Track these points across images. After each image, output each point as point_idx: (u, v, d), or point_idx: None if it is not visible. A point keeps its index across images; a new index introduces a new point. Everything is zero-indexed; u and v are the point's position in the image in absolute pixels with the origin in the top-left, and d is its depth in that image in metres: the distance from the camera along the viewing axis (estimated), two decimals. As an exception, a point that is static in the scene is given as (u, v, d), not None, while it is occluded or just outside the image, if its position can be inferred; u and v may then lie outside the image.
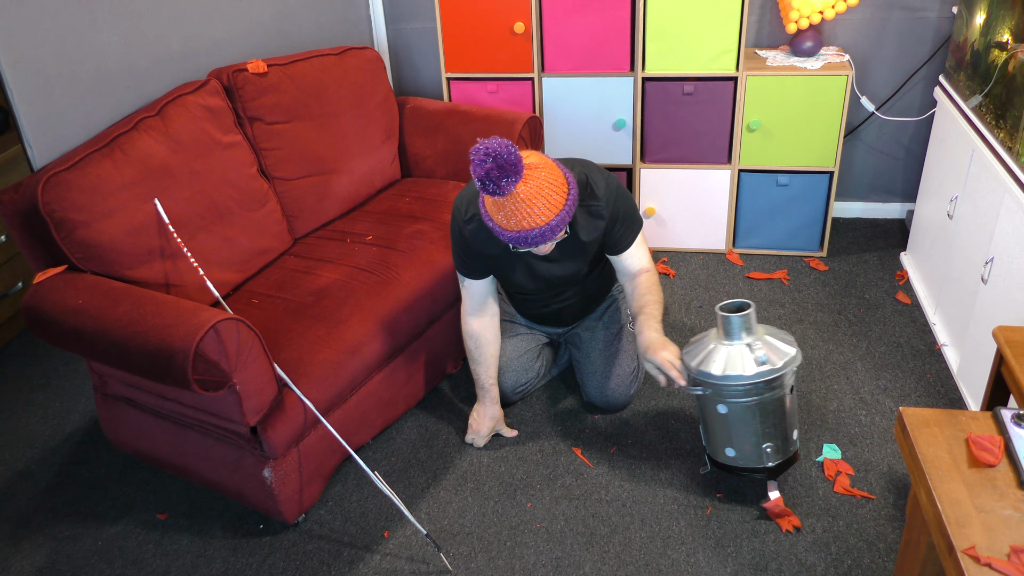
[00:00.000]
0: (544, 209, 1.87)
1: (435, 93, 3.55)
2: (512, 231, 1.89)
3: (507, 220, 1.88)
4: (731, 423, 2.02)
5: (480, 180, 1.79)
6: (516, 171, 1.79)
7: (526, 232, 1.88)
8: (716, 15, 2.91)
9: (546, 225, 1.88)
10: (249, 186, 2.47)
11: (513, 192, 1.83)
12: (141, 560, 2.12)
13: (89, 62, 2.23)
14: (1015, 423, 1.41)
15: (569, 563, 2.02)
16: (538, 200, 1.86)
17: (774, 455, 2.04)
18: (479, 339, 2.30)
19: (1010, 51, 2.26)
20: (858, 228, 3.42)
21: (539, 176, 1.87)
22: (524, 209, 1.85)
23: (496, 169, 1.76)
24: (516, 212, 1.86)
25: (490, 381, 2.35)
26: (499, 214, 1.88)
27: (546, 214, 1.87)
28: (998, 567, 1.18)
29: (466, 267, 2.23)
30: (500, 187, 1.79)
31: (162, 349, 1.81)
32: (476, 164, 1.77)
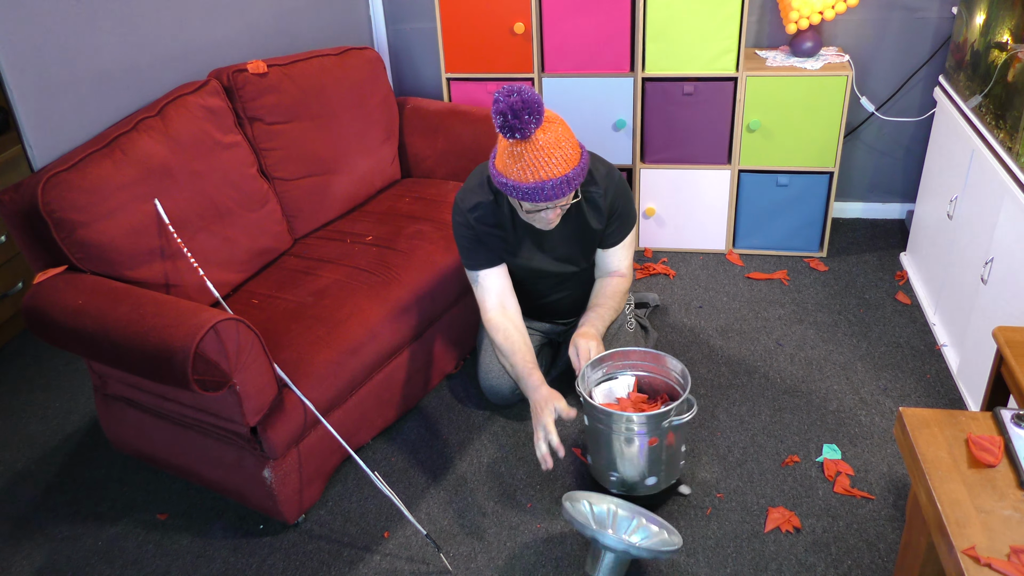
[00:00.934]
0: (561, 160, 1.89)
1: (435, 93, 3.55)
2: (529, 182, 1.90)
3: (524, 171, 1.89)
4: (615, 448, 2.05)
5: (502, 114, 1.80)
6: (539, 111, 1.82)
7: (542, 183, 1.90)
8: (716, 15, 2.91)
9: (563, 176, 1.90)
10: (249, 186, 2.47)
11: (532, 138, 1.86)
12: (141, 560, 2.12)
13: (89, 62, 2.23)
14: (1015, 423, 1.41)
15: (569, 563, 2.02)
16: (556, 150, 1.88)
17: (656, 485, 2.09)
18: (506, 329, 2.20)
19: (1010, 51, 2.26)
20: (858, 228, 3.42)
21: (557, 129, 1.90)
22: (543, 157, 1.87)
23: (520, 103, 1.78)
24: (535, 161, 1.88)
25: (527, 368, 2.15)
26: (516, 165, 1.90)
27: (562, 166, 1.90)
28: (998, 567, 1.18)
29: (476, 258, 2.21)
30: (523, 122, 1.81)
31: (162, 349, 1.81)
32: (500, 99, 1.79)
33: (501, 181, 1.95)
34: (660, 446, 2.00)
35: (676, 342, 2.78)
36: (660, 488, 2.10)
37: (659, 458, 2.03)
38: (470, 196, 2.16)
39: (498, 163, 1.96)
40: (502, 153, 1.94)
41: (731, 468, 2.26)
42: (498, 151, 1.97)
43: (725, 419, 2.43)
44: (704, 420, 2.43)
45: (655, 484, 2.08)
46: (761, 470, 2.24)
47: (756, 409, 2.46)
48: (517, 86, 1.82)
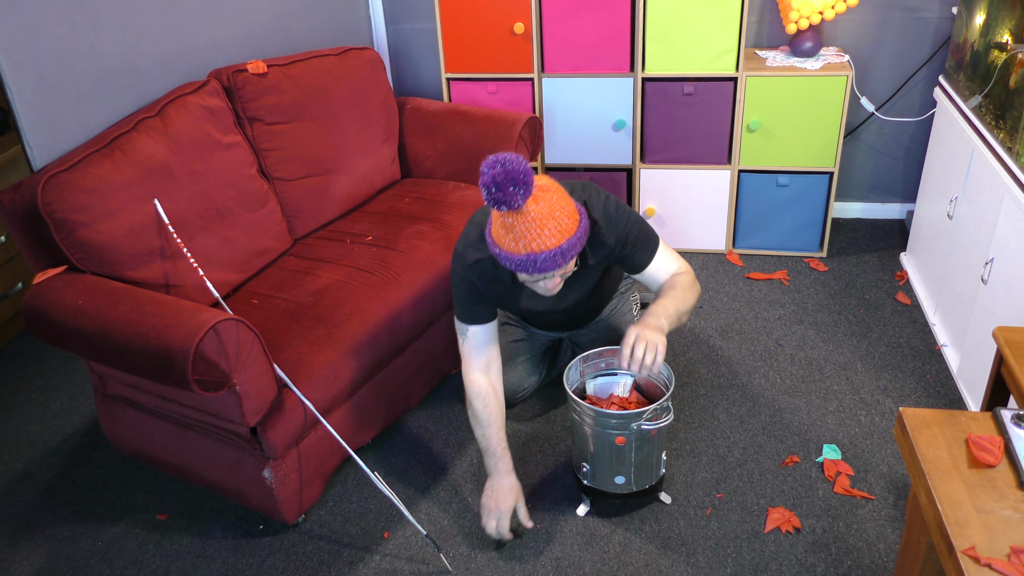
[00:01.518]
0: (555, 231, 1.77)
1: (435, 93, 3.55)
2: (521, 254, 1.78)
3: (516, 242, 1.77)
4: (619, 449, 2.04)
5: (487, 187, 1.69)
6: (525, 183, 1.70)
7: (535, 255, 1.77)
8: (716, 15, 2.91)
9: (557, 248, 1.78)
10: (249, 186, 2.47)
11: (523, 209, 1.74)
12: (141, 560, 2.12)
13: (89, 62, 2.23)
14: (1015, 423, 1.41)
15: (569, 563, 2.02)
16: (549, 221, 1.76)
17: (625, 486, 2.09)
18: (487, 398, 2.07)
19: (1010, 51, 2.26)
20: (858, 228, 3.42)
21: (550, 198, 1.78)
22: (534, 229, 1.75)
23: (503, 175, 1.67)
24: (526, 232, 1.76)
25: (501, 446, 2.08)
26: (507, 236, 1.78)
27: (556, 237, 1.77)
28: (998, 567, 1.18)
29: (470, 313, 2.08)
30: (507, 195, 1.69)
31: (162, 349, 1.81)
32: (484, 171, 1.69)
33: (495, 251, 1.84)
34: (629, 447, 1.99)
35: (676, 342, 2.78)
36: (630, 490, 2.08)
37: (627, 459, 2.01)
38: (472, 251, 2.02)
39: (492, 229, 1.83)
40: (495, 221, 1.82)
41: (731, 468, 2.26)
42: (493, 218, 1.84)
43: (725, 419, 2.43)
44: (704, 420, 2.43)
45: (623, 484, 2.06)
46: (761, 470, 2.24)
47: (756, 409, 2.46)
48: (503, 156, 1.69)
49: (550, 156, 3.32)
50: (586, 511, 2.15)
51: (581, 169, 3.32)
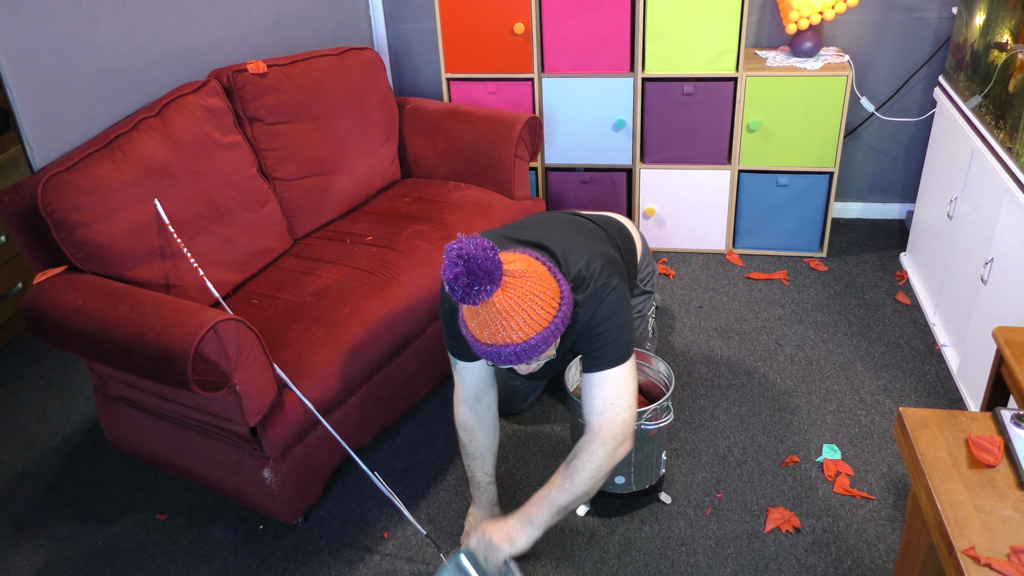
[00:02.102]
0: (523, 325, 1.56)
1: (435, 93, 3.55)
2: (485, 344, 1.60)
3: (480, 331, 1.59)
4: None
5: (448, 284, 1.51)
6: (491, 279, 1.51)
7: (499, 348, 1.58)
8: (716, 15, 2.91)
9: (524, 343, 1.57)
10: (249, 186, 2.47)
11: (489, 301, 1.55)
12: (141, 560, 2.12)
13: (89, 62, 2.23)
14: (1015, 423, 1.41)
15: (569, 563, 2.02)
16: (517, 314, 1.56)
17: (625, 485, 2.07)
18: (473, 431, 1.98)
19: (1010, 51, 2.26)
20: (858, 228, 3.42)
21: (522, 286, 1.57)
22: (500, 321, 1.56)
23: (466, 275, 1.49)
24: (491, 323, 1.56)
25: (487, 479, 2.03)
26: (472, 321, 1.60)
27: (525, 331, 1.57)
28: (998, 567, 1.18)
29: (461, 349, 1.90)
30: (470, 295, 1.51)
31: (162, 349, 1.81)
32: (446, 265, 1.50)
33: (463, 330, 1.65)
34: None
35: (676, 342, 2.78)
36: (630, 490, 2.09)
37: (627, 459, 2.01)
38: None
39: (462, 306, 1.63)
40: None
41: (731, 468, 2.26)
42: None
43: (725, 419, 2.43)
44: (704, 420, 2.43)
45: (623, 484, 2.07)
46: (761, 470, 2.24)
47: (756, 409, 2.46)
48: (466, 250, 1.48)
49: (550, 156, 3.32)
50: (586, 511, 2.15)
51: (581, 169, 3.32)
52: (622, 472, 2.03)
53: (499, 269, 1.53)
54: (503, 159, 2.87)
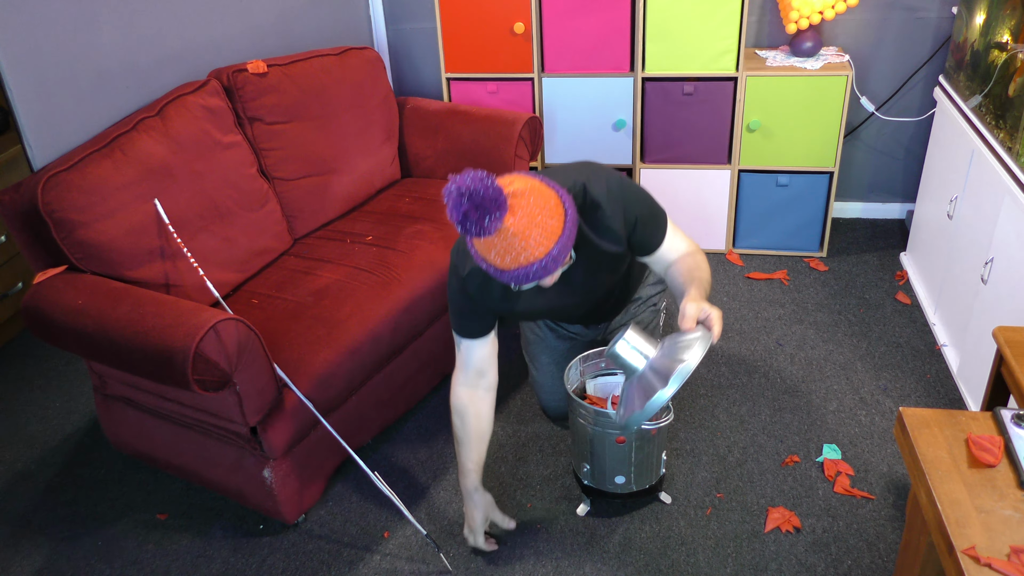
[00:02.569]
0: (541, 239, 1.60)
1: (435, 93, 3.55)
2: (510, 270, 1.63)
3: (501, 259, 1.62)
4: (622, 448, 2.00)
5: (459, 224, 1.54)
6: (498, 206, 1.54)
7: (525, 268, 1.62)
8: (716, 15, 2.91)
9: (546, 256, 1.62)
10: (249, 186, 2.47)
11: (501, 228, 1.58)
12: (141, 560, 2.12)
13: (89, 62, 2.23)
14: (1015, 423, 1.41)
15: (569, 563, 2.02)
16: (532, 231, 1.59)
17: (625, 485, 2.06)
18: (465, 413, 1.99)
19: (1010, 51, 2.26)
20: (858, 228, 3.42)
21: (528, 203, 1.60)
22: (518, 244, 1.59)
23: (474, 209, 1.52)
24: (510, 249, 1.60)
25: (471, 465, 2.01)
26: (491, 253, 1.62)
27: (544, 244, 1.61)
28: (998, 567, 1.18)
29: (467, 327, 1.95)
30: (484, 227, 1.54)
31: (162, 349, 1.81)
32: (451, 207, 1.52)
33: (481, 265, 1.67)
34: (629, 447, 1.98)
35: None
36: (630, 490, 2.08)
37: (627, 458, 2.01)
38: (464, 260, 1.90)
39: (474, 242, 1.65)
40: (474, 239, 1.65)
41: (731, 468, 2.26)
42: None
43: (725, 419, 2.43)
44: (704, 420, 2.43)
45: (623, 484, 2.06)
46: (761, 470, 2.24)
47: (756, 409, 2.46)
48: (467, 185, 1.51)
49: (550, 156, 3.32)
50: (586, 511, 2.15)
51: (581, 169, 3.32)
52: (622, 472, 2.03)
53: (501, 194, 1.55)
54: (503, 159, 2.87)
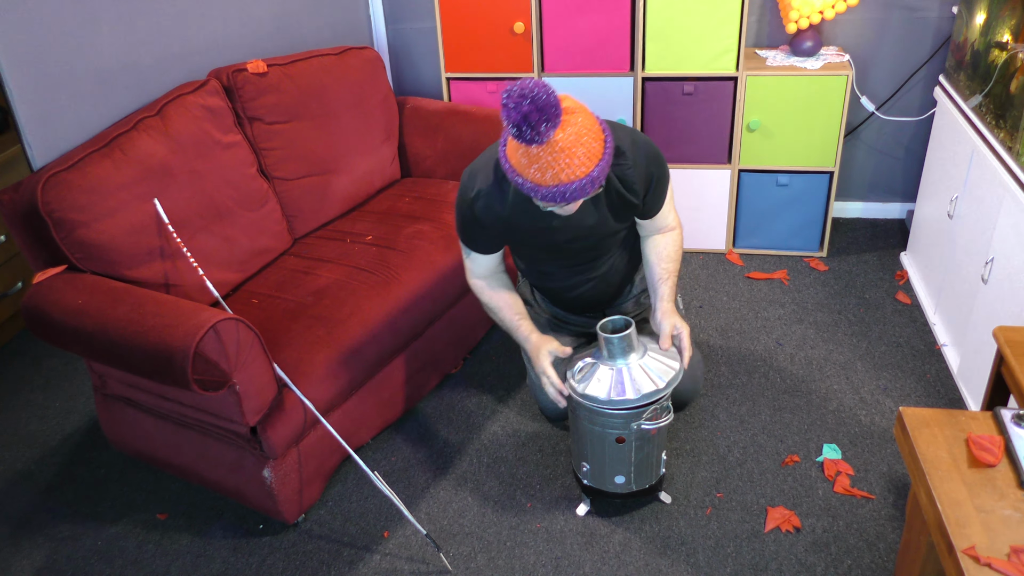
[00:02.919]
0: (584, 159, 1.65)
1: (435, 93, 3.55)
2: (548, 186, 1.66)
3: (542, 174, 1.65)
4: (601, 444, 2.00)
5: (516, 125, 1.57)
6: (556, 113, 1.59)
7: (565, 186, 1.66)
8: (716, 15, 2.91)
9: (586, 177, 1.66)
10: (249, 186, 2.47)
11: (551, 140, 1.61)
12: (141, 560, 2.12)
13: (89, 62, 2.23)
14: (1015, 423, 1.41)
15: (569, 563, 2.02)
16: (578, 149, 1.63)
17: (625, 485, 2.05)
18: (489, 290, 2.11)
19: (1010, 51, 2.26)
20: (858, 228, 3.42)
21: (577, 121, 1.64)
22: (563, 160, 1.63)
23: (535, 111, 1.55)
24: (554, 163, 1.63)
25: (516, 318, 2.07)
26: (532, 168, 1.65)
27: (586, 164, 1.65)
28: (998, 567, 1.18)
29: (473, 241, 2.04)
30: (539, 132, 1.58)
31: (162, 349, 1.81)
32: (511, 107, 1.56)
33: (516, 180, 1.71)
34: (628, 446, 1.97)
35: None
36: (630, 489, 2.07)
37: (627, 458, 2.00)
38: (473, 181, 1.95)
39: (511, 156, 1.70)
40: (515, 147, 1.69)
41: (731, 468, 2.26)
42: (509, 142, 1.72)
43: (725, 419, 2.43)
44: (704, 420, 2.43)
45: (623, 484, 2.05)
46: (761, 470, 2.24)
47: (756, 409, 2.46)
48: (529, 88, 1.56)
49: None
50: (586, 511, 2.15)
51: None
52: (621, 472, 2.03)
53: (560, 104, 1.60)
54: (503, 159, 2.87)
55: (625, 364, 1.93)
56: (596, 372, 1.94)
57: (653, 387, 1.90)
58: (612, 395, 1.89)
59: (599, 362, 1.95)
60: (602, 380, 1.92)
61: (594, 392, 1.91)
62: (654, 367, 1.93)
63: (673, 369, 1.94)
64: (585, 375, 1.96)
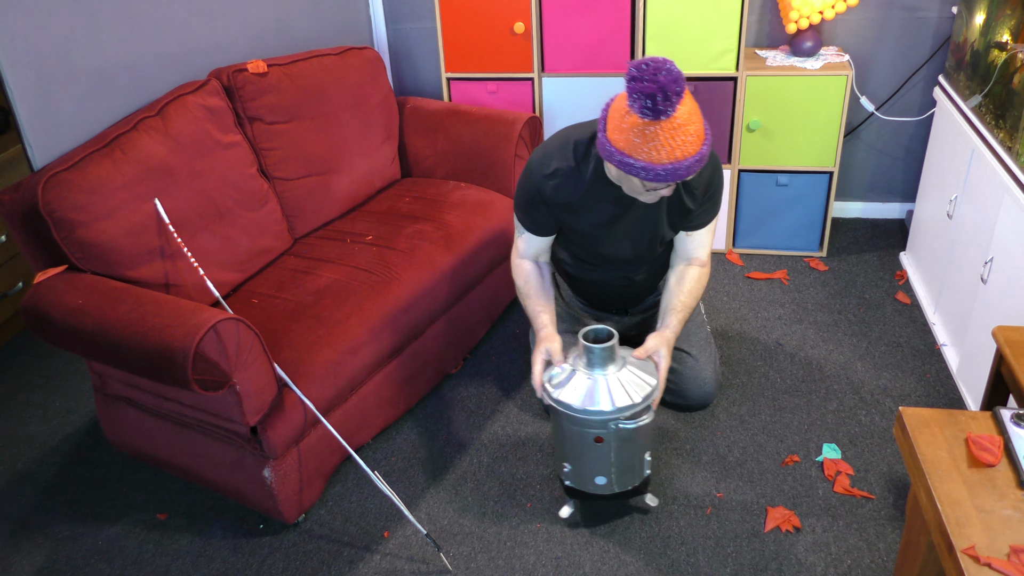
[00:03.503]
0: (695, 136, 1.68)
1: (435, 93, 3.55)
2: (664, 163, 1.68)
3: (658, 151, 1.67)
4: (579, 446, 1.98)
5: (650, 96, 1.60)
6: (681, 88, 1.62)
7: (678, 163, 1.68)
8: (716, 15, 2.91)
9: (698, 154, 1.70)
10: (249, 186, 2.47)
11: (672, 116, 1.65)
12: (141, 560, 2.12)
13: (89, 62, 2.23)
14: (1015, 423, 1.41)
15: (569, 563, 2.02)
16: (691, 125, 1.67)
17: (607, 487, 2.03)
18: (528, 273, 2.14)
19: (1010, 51, 2.26)
20: (858, 228, 3.42)
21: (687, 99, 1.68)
22: (679, 135, 1.65)
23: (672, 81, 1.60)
24: (671, 140, 1.65)
25: (538, 308, 2.10)
26: (648, 145, 1.66)
27: (696, 142, 1.69)
28: (998, 567, 1.18)
29: (532, 220, 2.07)
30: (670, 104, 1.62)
31: (162, 349, 1.81)
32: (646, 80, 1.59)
33: (625, 161, 1.70)
34: (608, 446, 1.94)
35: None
36: (612, 491, 2.03)
37: (607, 459, 1.97)
38: (549, 159, 1.95)
39: (618, 141, 1.70)
40: (626, 130, 1.68)
41: (731, 468, 2.26)
42: (616, 126, 1.71)
43: (725, 419, 2.43)
44: (704, 420, 2.43)
45: (605, 485, 2.02)
46: (761, 470, 2.24)
47: (756, 409, 2.46)
48: (659, 64, 1.60)
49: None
50: (570, 512, 2.12)
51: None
52: (602, 473, 2.00)
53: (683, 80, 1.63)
54: (503, 159, 2.87)
55: (603, 374, 1.92)
56: (573, 379, 1.94)
57: (628, 401, 1.89)
58: (585, 404, 1.89)
59: (577, 369, 1.95)
60: (577, 388, 1.92)
61: (567, 399, 1.91)
62: (631, 381, 1.93)
63: (650, 385, 1.94)
64: (561, 381, 1.95)
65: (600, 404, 1.89)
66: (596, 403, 1.89)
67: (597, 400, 1.89)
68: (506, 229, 2.76)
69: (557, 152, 1.97)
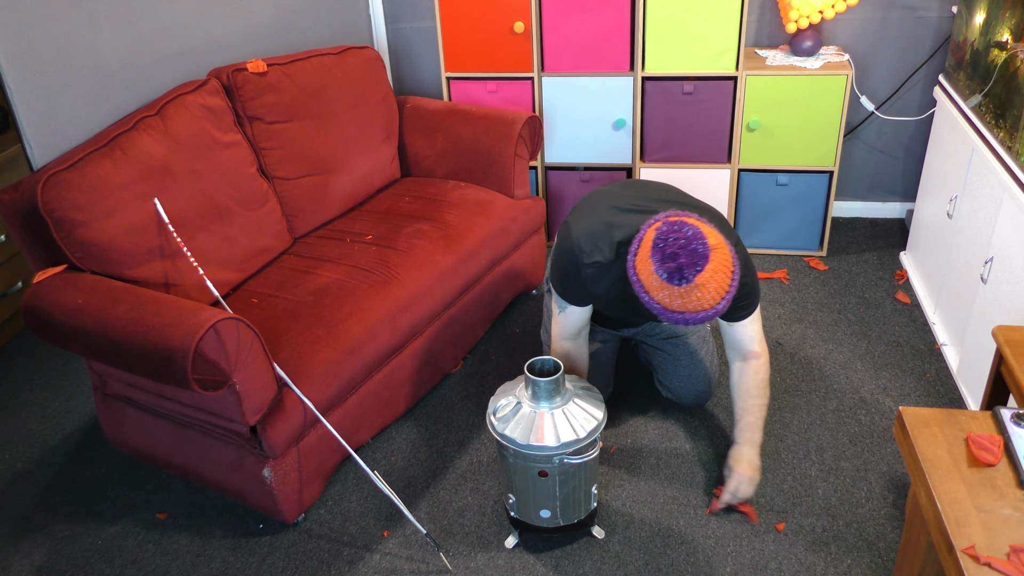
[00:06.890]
0: (714, 293, 1.71)
1: (435, 93, 3.55)
2: (675, 312, 1.73)
3: (672, 301, 1.72)
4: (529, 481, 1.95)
5: (668, 272, 1.68)
6: (705, 262, 1.68)
7: (691, 315, 1.73)
8: (716, 15, 2.91)
9: (712, 309, 1.73)
10: (249, 186, 2.47)
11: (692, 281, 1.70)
12: (141, 560, 2.12)
13: (89, 62, 2.23)
14: (1015, 423, 1.41)
15: (569, 563, 2.02)
16: (711, 285, 1.70)
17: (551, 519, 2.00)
18: (568, 357, 2.20)
19: (1010, 51, 2.26)
20: (858, 228, 3.42)
21: (715, 259, 1.70)
22: (696, 294, 1.70)
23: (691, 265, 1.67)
24: (686, 295, 1.70)
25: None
26: (662, 292, 1.72)
27: (714, 298, 1.72)
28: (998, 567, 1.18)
29: (572, 296, 2.08)
30: (685, 277, 1.68)
31: (162, 348, 1.81)
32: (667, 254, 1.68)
33: (642, 296, 1.76)
34: (552, 480, 1.91)
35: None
36: (557, 523, 2.00)
37: (552, 493, 1.94)
38: (593, 250, 1.96)
39: (642, 272, 1.74)
40: (650, 270, 1.72)
41: (731, 467, 2.26)
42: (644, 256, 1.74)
43: (725, 419, 2.43)
44: (704, 420, 2.43)
45: (549, 518, 1.99)
46: (761, 469, 2.24)
47: (756, 408, 2.46)
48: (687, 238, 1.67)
49: (550, 155, 3.32)
50: (514, 543, 2.08)
51: (581, 168, 3.32)
52: (547, 506, 1.96)
53: (710, 252, 1.69)
54: (503, 158, 2.87)
55: (548, 408, 1.90)
56: (518, 413, 1.91)
57: (573, 436, 1.86)
58: (530, 439, 1.86)
59: (523, 403, 1.92)
60: (521, 423, 1.89)
61: (512, 434, 1.88)
62: (577, 415, 1.90)
63: (596, 419, 1.91)
64: (506, 415, 1.92)
65: (545, 439, 1.85)
66: (540, 438, 1.86)
67: (541, 435, 1.86)
68: (506, 228, 2.76)
69: (601, 241, 1.96)
